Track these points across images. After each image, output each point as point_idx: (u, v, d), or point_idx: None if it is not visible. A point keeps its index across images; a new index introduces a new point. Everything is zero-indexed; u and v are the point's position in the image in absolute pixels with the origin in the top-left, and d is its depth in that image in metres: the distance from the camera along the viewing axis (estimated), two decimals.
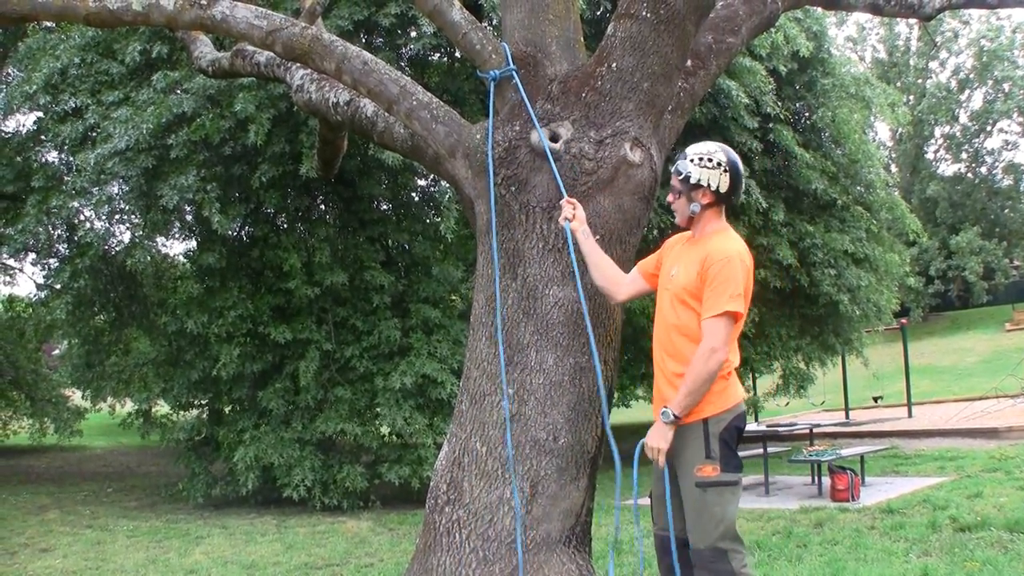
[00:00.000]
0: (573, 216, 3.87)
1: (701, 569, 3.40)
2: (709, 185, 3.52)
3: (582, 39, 4.59)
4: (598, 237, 4.03)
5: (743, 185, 3.68)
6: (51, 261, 12.18)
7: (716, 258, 3.41)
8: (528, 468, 3.99)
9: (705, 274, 3.42)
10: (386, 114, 5.08)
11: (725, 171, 3.52)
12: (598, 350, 4.04)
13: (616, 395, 15.62)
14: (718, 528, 3.36)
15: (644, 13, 4.05)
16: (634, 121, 4.11)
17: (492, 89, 4.34)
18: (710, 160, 3.53)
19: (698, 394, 3.37)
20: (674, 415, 3.38)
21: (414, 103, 4.44)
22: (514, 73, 4.25)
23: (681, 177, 3.56)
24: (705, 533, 3.37)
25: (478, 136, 4.25)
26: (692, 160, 3.55)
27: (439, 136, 4.40)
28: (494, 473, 4.01)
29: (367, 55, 4.62)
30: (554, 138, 4.10)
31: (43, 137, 10.57)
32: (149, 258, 11.86)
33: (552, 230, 4.05)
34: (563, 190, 4.00)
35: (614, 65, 4.10)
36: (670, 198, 3.65)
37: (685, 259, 3.56)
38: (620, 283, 3.86)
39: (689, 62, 4.70)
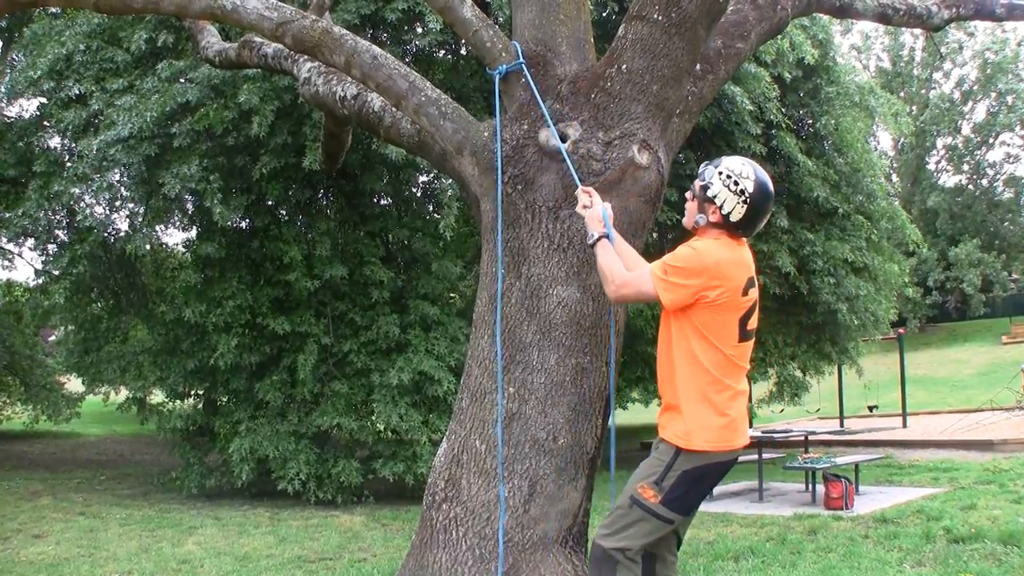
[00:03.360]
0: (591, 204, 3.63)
1: (593, 560, 3.31)
2: (722, 207, 3.23)
3: (592, 40, 4.59)
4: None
5: (761, 222, 3.31)
6: (50, 247, 12.15)
7: (690, 244, 3.26)
8: (527, 467, 3.98)
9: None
10: (393, 109, 5.08)
11: (745, 202, 3.21)
12: (600, 352, 4.04)
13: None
14: (621, 541, 3.23)
15: (656, 16, 4.05)
16: (643, 123, 4.11)
17: (498, 85, 4.33)
18: (736, 183, 3.22)
19: (598, 265, 3.44)
20: (596, 239, 3.47)
21: (423, 99, 4.44)
22: (523, 67, 4.22)
23: (702, 184, 3.29)
24: (609, 535, 3.26)
25: (486, 134, 4.24)
26: (720, 172, 3.25)
27: (447, 133, 4.39)
28: (493, 471, 4.01)
29: (377, 49, 4.61)
30: (562, 138, 4.10)
31: (46, 123, 10.53)
32: (148, 246, 11.82)
33: (558, 229, 4.05)
34: (577, 180, 3.90)
35: (624, 67, 4.09)
36: (688, 195, 3.41)
37: None
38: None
39: (698, 66, 4.70)
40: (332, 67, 5.10)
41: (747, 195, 3.21)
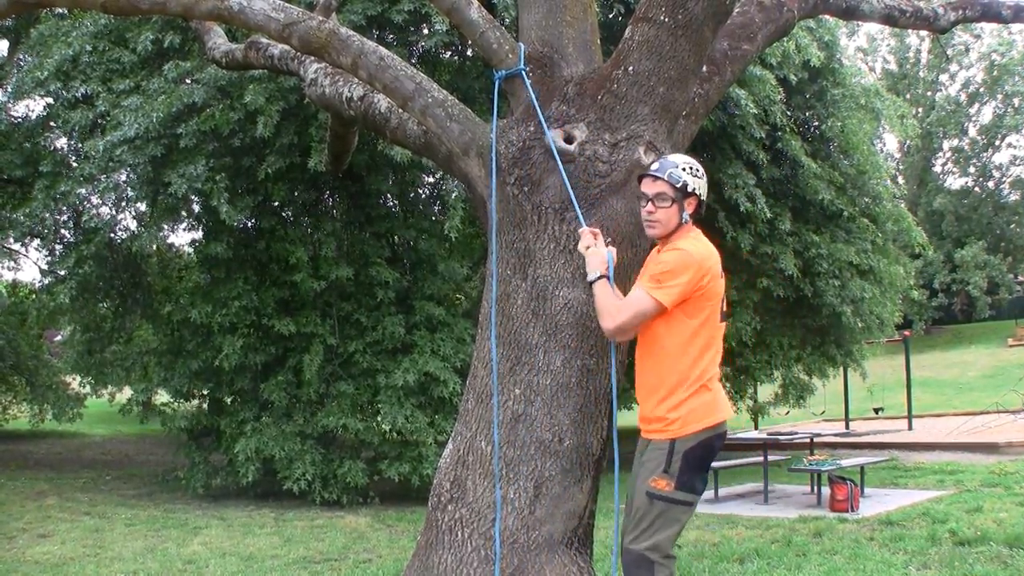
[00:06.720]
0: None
1: (626, 568, 3.44)
2: (699, 194, 3.54)
3: (598, 41, 4.60)
4: (609, 240, 4.04)
5: None
6: (56, 247, 12.18)
7: (674, 247, 3.45)
8: (532, 469, 3.98)
9: (655, 258, 3.53)
10: (400, 110, 5.09)
11: (703, 179, 3.59)
12: (605, 353, 4.04)
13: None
14: (651, 539, 3.37)
15: (662, 17, 4.05)
16: (649, 125, 4.11)
17: (497, 88, 4.35)
18: (697, 170, 3.55)
19: (597, 303, 3.58)
20: (597, 277, 3.58)
21: (429, 100, 4.44)
22: (523, 73, 4.24)
23: (679, 185, 3.49)
24: (637, 537, 3.40)
25: (492, 135, 4.24)
26: (684, 169, 3.52)
27: (453, 134, 4.39)
28: (499, 472, 4.01)
29: (383, 51, 4.61)
30: (569, 140, 4.10)
31: (52, 123, 10.56)
32: (154, 247, 11.82)
33: (564, 231, 4.05)
34: (573, 198, 3.98)
35: (630, 68, 4.09)
36: (651, 207, 3.51)
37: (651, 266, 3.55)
38: None
39: (704, 68, 4.70)
40: (338, 68, 5.10)
41: (702, 174, 3.59)
